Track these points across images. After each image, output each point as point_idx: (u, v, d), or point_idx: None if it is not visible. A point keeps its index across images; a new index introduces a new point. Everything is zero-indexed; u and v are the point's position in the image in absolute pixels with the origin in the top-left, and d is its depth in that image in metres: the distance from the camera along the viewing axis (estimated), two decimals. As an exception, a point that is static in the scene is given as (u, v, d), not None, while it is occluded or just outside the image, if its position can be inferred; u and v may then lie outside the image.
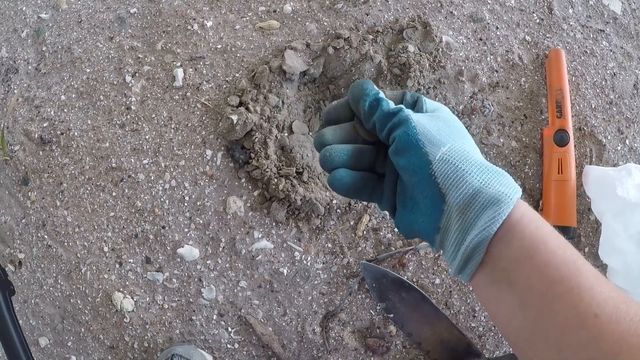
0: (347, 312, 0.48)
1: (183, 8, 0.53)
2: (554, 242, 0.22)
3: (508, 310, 0.22)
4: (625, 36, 0.54)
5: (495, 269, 0.22)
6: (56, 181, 0.50)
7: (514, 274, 0.22)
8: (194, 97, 0.51)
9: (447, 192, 0.23)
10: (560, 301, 0.21)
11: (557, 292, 0.21)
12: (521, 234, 0.22)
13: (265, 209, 0.48)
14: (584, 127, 0.51)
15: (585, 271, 0.21)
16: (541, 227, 0.23)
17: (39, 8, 0.55)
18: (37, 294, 0.49)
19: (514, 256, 0.22)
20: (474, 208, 0.22)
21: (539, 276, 0.21)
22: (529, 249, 0.22)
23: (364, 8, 0.52)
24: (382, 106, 0.26)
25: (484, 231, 0.22)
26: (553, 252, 0.22)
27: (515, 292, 0.22)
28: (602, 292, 0.21)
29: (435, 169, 0.24)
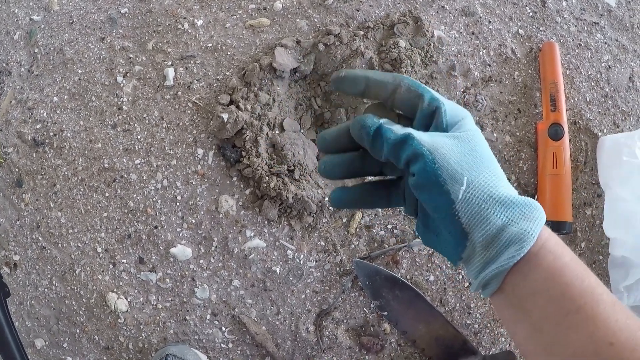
0: (340, 310, 0.47)
1: (173, 7, 0.53)
2: (571, 272, 0.22)
3: (524, 333, 0.23)
4: (620, 29, 0.54)
5: (512, 297, 0.23)
6: (50, 183, 0.51)
7: (529, 303, 0.23)
8: (185, 96, 0.51)
9: (471, 230, 0.23)
10: (575, 330, 0.21)
11: (573, 321, 0.22)
12: (539, 267, 0.22)
13: (257, 208, 0.48)
14: (579, 120, 0.51)
15: (603, 300, 0.22)
16: (560, 257, 0.23)
17: (30, 10, 0.55)
18: (32, 296, 0.49)
19: (530, 287, 0.23)
20: (497, 246, 0.23)
21: (554, 307, 0.22)
22: (545, 281, 0.22)
23: (355, 4, 0.52)
24: (388, 138, 0.24)
25: (504, 265, 0.22)
26: (570, 284, 0.22)
27: (530, 319, 0.23)
28: (619, 320, 0.21)
29: (458, 209, 0.23)
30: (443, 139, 0.24)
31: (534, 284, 0.22)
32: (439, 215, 0.24)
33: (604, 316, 0.21)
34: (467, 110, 0.26)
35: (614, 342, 0.21)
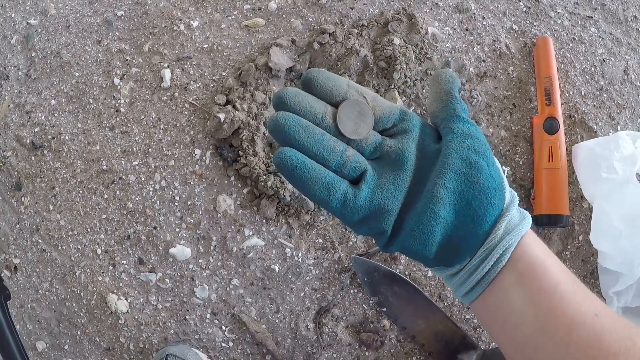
0: (340, 307, 0.47)
1: (169, 9, 0.53)
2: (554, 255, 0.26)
3: (519, 313, 0.24)
4: (614, 22, 0.54)
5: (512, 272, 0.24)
6: (49, 185, 0.51)
7: (528, 276, 0.24)
8: (181, 97, 0.51)
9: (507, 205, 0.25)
10: (566, 301, 0.23)
11: (563, 291, 0.23)
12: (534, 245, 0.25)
13: (255, 206, 0.48)
14: (574, 114, 0.51)
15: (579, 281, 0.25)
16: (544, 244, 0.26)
17: (27, 14, 0.56)
18: (33, 299, 0.50)
19: (531, 259, 0.24)
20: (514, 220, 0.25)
21: (549, 277, 0.24)
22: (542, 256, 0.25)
23: (349, 2, 0.52)
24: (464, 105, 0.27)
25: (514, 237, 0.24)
26: (557, 262, 0.25)
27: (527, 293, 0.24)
28: (596, 298, 0.24)
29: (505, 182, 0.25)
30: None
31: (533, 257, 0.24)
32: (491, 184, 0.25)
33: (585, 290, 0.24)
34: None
35: (599, 314, 0.23)
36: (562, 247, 0.49)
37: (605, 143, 0.45)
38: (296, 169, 0.23)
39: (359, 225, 0.25)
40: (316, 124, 0.25)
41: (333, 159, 0.24)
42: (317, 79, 0.25)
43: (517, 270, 0.24)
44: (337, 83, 0.25)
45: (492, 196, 0.24)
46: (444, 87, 0.27)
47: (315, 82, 0.25)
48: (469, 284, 0.25)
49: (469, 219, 0.24)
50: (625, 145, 0.44)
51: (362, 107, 0.25)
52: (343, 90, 0.25)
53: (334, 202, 0.24)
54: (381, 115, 0.26)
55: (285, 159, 0.23)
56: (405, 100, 0.49)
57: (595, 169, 0.45)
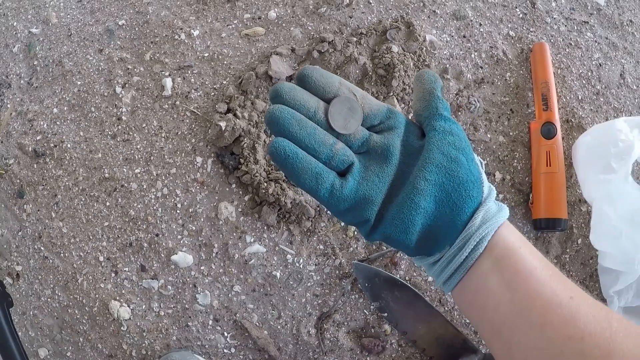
0: (341, 312, 0.48)
1: (170, 18, 0.54)
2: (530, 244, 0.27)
3: (497, 296, 0.25)
4: (609, 26, 0.54)
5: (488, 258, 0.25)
6: (51, 193, 0.51)
7: (505, 261, 0.25)
8: (183, 106, 0.51)
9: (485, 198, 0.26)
10: (542, 284, 0.24)
11: (539, 275, 0.24)
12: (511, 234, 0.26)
13: (256, 214, 0.48)
14: (571, 118, 0.51)
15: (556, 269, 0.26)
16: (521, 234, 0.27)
17: (29, 23, 0.56)
18: (35, 306, 0.50)
19: (507, 247, 0.25)
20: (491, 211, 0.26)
21: (525, 262, 0.25)
22: (518, 242, 0.26)
23: (347, 11, 0.53)
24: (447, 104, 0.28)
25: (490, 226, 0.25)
26: (533, 249, 0.26)
27: (504, 277, 0.25)
28: (571, 282, 0.25)
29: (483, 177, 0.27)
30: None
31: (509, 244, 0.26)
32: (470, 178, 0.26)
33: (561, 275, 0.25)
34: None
35: (574, 297, 0.24)
36: (561, 250, 0.49)
37: (601, 135, 0.46)
38: (289, 158, 0.25)
39: (344, 214, 0.26)
40: (309, 117, 0.26)
41: (323, 151, 0.26)
42: (311, 75, 0.27)
43: (494, 257, 0.25)
44: (329, 80, 0.27)
45: (470, 189, 0.26)
46: (426, 87, 0.28)
47: (310, 78, 0.27)
48: (448, 271, 0.26)
49: (448, 209, 0.26)
50: (621, 136, 0.45)
51: (352, 104, 0.27)
52: (335, 87, 0.27)
53: (321, 192, 0.25)
54: (369, 113, 0.27)
55: (279, 149, 0.25)
56: (404, 107, 0.50)
57: (593, 170, 0.45)
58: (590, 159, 0.46)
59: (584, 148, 0.47)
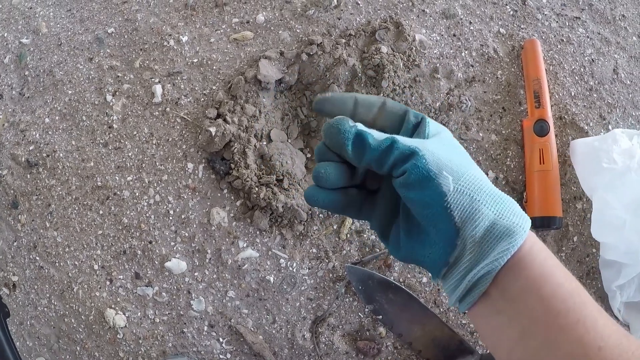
0: (335, 316, 0.48)
1: (159, 25, 0.54)
2: (560, 273, 0.22)
3: (509, 341, 0.22)
4: (601, 22, 0.54)
5: (500, 299, 0.22)
6: (44, 203, 0.51)
7: (519, 304, 0.22)
8: (173, 112, 0.51)
9: (463, 225, 0.23)
10: (565, 333, 0.21)
11: (562, 323, 0.21)
12: (530, 265, 0.22)
13: (248, 218, 0.48)
14: (564, 115, 0.51)
15: (589, 304, 0.22)
16: (549, 258, 0.23)
17: (19, 33, 0.56)
18: (32, 315, 0.50)
19: (522, 287, 0.22)
20: (489, 240, 0.22)
21: (544, 308, 0.22)
22: (537, 280, 0.22)
23: (336, 12, 0.52)
24: (370, 144, 0.23)
25: (494, 262, 0.22)
26: (560, 284, 0.22)
27: (518, 323, 0.22)
28: (606, 325, 0.21)
29: (450, 201, 0.22)
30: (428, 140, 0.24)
31: (526, 282, 0.22)
32: (429, 211, 0.23)
33: (592, 319, 0.21)
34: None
35: (603, 347, 0.20)
36: (556, 248, 0.49)
37: (603, 138, 0.46)
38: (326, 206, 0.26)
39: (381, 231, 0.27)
40: None
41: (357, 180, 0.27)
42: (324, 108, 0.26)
43: (506, 297, 0.22)
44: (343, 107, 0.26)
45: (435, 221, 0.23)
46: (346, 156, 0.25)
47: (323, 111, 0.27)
48: (452, 301, 0.24)
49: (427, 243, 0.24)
50: (622, 140, 0.44)
51: None
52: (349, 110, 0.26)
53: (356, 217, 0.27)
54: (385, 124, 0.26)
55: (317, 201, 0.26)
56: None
57: (594, 161, 0.45)
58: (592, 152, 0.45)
59: (585, 145, 0.47)
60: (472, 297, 0.23)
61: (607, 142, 0.45)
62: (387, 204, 0.26)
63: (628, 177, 0.43)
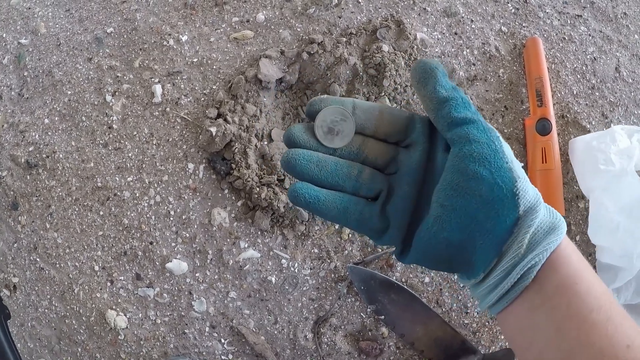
0: (337, 316, 0.47)
1: (158, 24, 0.54)
2: (592, 274, 0.23)
3: (543, 338, 0.22)
4: (603, 20, 0.54)
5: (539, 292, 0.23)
6: (45, 204, 0.51)
7: (556, 299, 0.22)
8: (173, 112, 0.51)
9: (525, 214, 0.22)
10: (596, 330, 0.21)
11: (595, 320, 0.22)
12: (568, 261, 0.23)
13: (249, 219, 0.48)
14: (566, 114, 0.51)
15: (617, 305, 0.23)
16: (582, 259, 0.24)
17: (18, 34, 0.56)
18: (33, 317, 0.50)
19: (560, 281, 0.22)
20: (540, 232, 0.22)
21: (579, 303, 0.22)
22: (573, 277, 0.22)
23: (336, 11, 0.52)
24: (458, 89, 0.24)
25: (540, 254, 0.22)
26: (593, 282, 0.23)
27: (554, 318, 0.22)
28: (632, 326, 0.22)
29: (520, 187, 0.22)
30: None
31: (564, 278, 0.22)
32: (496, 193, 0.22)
33: (620, 318, 0.22)
34: None
35: (631, 345, 0.21)
36: (559, 248, 0.49)
37: (601, 137, 0.45)
38: (310, 204, 0.24)
39: (375, 239, 0.26)
40: (330, 153, 0.25)
41: (348, 184, 0.25)
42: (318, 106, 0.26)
43: (544, 292, 0.22)
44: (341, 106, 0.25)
45: (498, 207, 0.22)
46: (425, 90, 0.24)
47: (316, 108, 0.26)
48: (492, 297, 0.24)
49: (477, 233, 0.23)
50: (621, 139, 0.44)
51: (342, 115, 0.25)
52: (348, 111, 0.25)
53: (351, 223, 0.25)
54: (388, 129, 0.25)
55: (299, 196, 0.24)
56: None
57: (592, 161, 0.45)
58: (590, 152, 0.45)
59: (583, 144, 0.47)
60: (514, 292, 0.23)
61: (605, 141, 0.45)
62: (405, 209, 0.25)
63: (624, 180, 0.43)
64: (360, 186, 0.25)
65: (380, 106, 0.25)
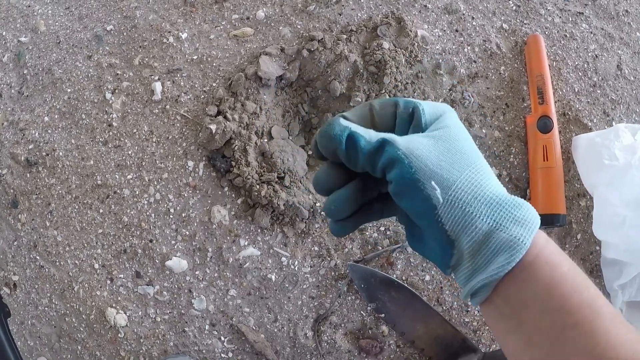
0: (337, 314, 0.47)
1: (158, 22, 0.54)
2: (570, 284, 0.21)
3: (516, 345, 0.22)
4: (605, 17, 0.53)
5: (505, 306, 0.22)
6: (44, 202, 0.51)
7: (523, 315, 0.21)
8: (173, 110, 0.51)
9: (457, 237, 0.22)
10: (573, 345, 0.20)
11: (570, 336, 0.20)
12: (534, 277, 0.21)
13: (249, 216, 0.48)
14: (568, 112, 0.50)
15: (603, 313, 0.21)
16: (558, 267, 0.21)
17: (18, 32, 0.56)
18: (33, 315, 0.50)
19: (524, 299, 0.21)
20: (485, 254, 0.21)
21: (549, 321, 0.21)
22: (542, 294, 0.21)
23: (337, 8, 0.52)
24: (361, 147, 0.22)
25: (493, 276, 0.21)
26: (568, 296, 0.21)
27: (523, 331, 0.21)
28: (619, 334, 0.20)
29: (441, 214, 0.21)
30: (419, 139, 0.22)
31: (528, 296, 0.21)
32: (422, 222, 0.23)
33: (604, 330, 0.20)
34: (449, 106, 0.25)
35: (614, 357, 0.20)
36: (560, 246, 0.48)
37: (605, 134, 0.45)
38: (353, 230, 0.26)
39: None
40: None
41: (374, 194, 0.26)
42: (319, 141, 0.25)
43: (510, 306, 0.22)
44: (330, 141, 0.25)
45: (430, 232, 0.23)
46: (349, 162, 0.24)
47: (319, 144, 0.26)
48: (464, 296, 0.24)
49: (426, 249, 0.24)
50: (624, 136, 0.44)
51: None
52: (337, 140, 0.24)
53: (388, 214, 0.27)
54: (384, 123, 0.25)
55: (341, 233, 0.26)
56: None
57: (596, 157, 0.44)
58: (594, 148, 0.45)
59: (586, 140, 0.47)
60: (476, 301, 0.23)
61: (609, 137, 0.44)
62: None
63: (629, 174, 0.42)
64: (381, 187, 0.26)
65: (370, 103, 0.25)
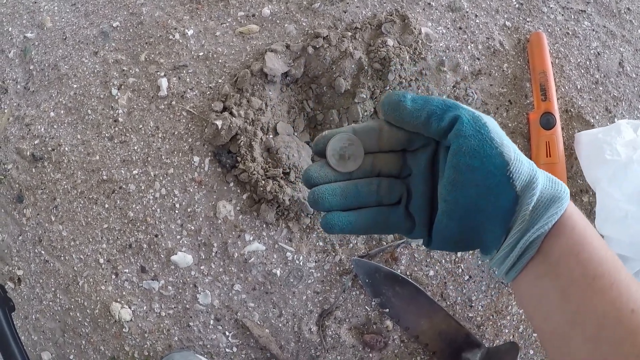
0: (342, 309, 0.47)
1: (164, 18, 0.54)
2: (597, 240, 0.24)
3: (549, 304, 0.24)
4: (607, 15, 0.54)
5: (543, 262, 0.24)
6: (50, 197, 0.51)
7: (560, 267, 0.23)
8: (179, 106, 0.51)
9: (522, 193, 0.24)
10: (601, 295, 0.22)
11: (598, 285, 0.22)
12: (571, 230, 0.24)
13: (254, 212, 0.48)
14: (570, 108, 0.51)
15: (623, 270, 0.23)
16: (588, 227, 0.24)
17: (24, 28, 0.56)
18: (37, 309, 0.50)
19: (563, 250, 0.23)
20: (540, 206, 0.24)
21: (582, 270, 0.23)
22: (576, 244, 0.23)
23: (342, 6, 0.52)
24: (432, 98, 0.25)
25: (544, 226, 0.23)
26: (597, 249, 0.23)
27: (558, 285, 0.23)
28: (638, 290, 0.22)
29: (512, 169, 0.23)
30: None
31: (566, 246, 0.23)
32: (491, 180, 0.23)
33: (626, 283, 0.22)
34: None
35: (635, 310, 0.21)
36: (563, 242, 0.49)
37: (607, 130, 0.46)
38: (345, 229, 0.26)
39: (407, 235, 0.28)
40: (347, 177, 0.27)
41: (371, 199, 0.27)
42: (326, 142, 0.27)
43: (548, 261, 0.24)
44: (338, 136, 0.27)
45: (496, 192, 0.24)
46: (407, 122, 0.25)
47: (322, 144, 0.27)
48: (501, 272, 0.26)
49: (482, 218, 0.25)
50: (626, 132, 0.44)
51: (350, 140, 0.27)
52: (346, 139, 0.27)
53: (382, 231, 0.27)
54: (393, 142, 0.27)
55: (334, 227, 0.26)
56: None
57: (598, 153, 0.45)
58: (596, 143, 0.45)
59: (589, 136, 0.47)
60: (521, 264, 0.24)
61: (611, 133, 0.45)
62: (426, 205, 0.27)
63: (631, 169, 0.43)
64: (382, 197, 0.27)
65: (379, 123, 0.27)
